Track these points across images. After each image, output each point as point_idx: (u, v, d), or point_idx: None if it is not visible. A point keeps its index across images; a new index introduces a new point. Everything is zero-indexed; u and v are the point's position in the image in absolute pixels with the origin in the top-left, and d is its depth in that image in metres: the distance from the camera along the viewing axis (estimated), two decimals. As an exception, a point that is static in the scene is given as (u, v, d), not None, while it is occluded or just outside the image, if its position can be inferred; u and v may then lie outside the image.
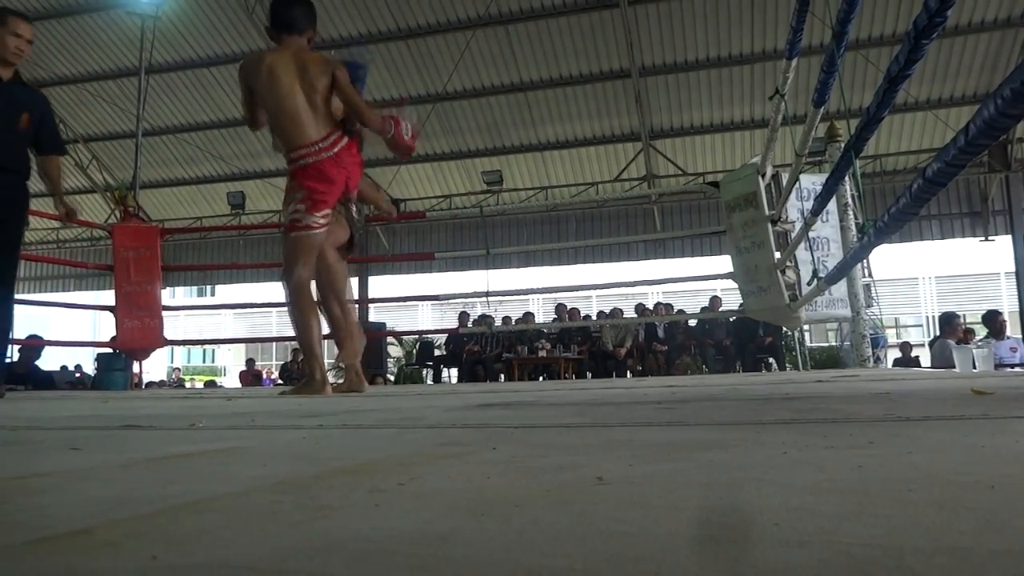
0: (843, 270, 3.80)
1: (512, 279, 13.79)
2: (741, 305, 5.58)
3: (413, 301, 19.89)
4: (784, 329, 8.83)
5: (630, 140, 13.36)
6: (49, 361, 11.41)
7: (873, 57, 10.53)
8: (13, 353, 9.35)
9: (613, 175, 13.80)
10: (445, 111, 13.11)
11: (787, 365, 9.42)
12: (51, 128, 3.86)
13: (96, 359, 7.87)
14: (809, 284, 4.32)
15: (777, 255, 4.98)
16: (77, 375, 11.35)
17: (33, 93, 3.79)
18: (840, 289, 5.83)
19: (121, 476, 0.77)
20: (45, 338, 8.06)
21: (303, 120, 3.06)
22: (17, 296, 4.07)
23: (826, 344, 12.70)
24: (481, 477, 0.70)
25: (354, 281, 15.63)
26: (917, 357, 11.09)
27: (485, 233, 13.53)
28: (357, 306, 3.79)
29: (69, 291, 17.75)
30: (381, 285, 15.89)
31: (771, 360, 9.48)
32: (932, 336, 8.70)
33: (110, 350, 6.49)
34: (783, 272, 4.93)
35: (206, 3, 11.81)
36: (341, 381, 3.42)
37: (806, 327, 10.38)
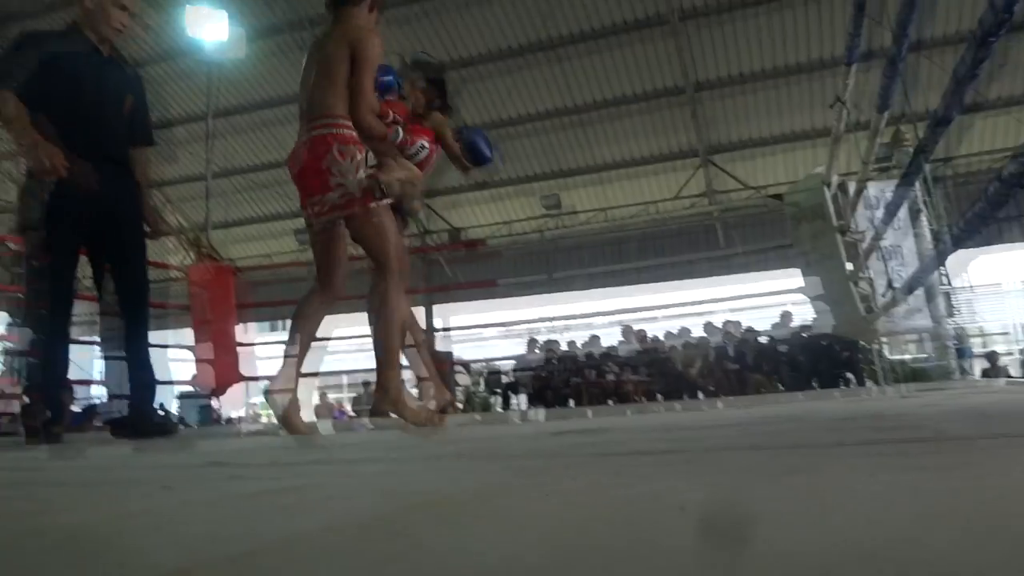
0: (919, 279, 3.67)
1: (576, 303, 13.72)
2: (814, 319, 5.43)
3: (478, 329, 19.99)
4: (861, 342, 8.54)
5: (688, 157, 13.23)
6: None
7: (937, 58, 10.21)
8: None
9: (673, 193, 13.67)
10: (500, 138, 13.23)
11: (866, 380, 9.09)
12: (145, 113, 3.22)
13: (178, 397, 8.15)
14: (884, 295, 4.18)
15: (849, 266, 4.83)
16: (161, 413, 11.75)
17: (131, 71, 3.19)
18: (919, 299, 5.62)
19: (212, 515, 0.79)
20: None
21: (304, 99, 2.70)
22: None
23: (907, 357, 12.21)
24: (563, 507, 0.70)
25: (420, 312, 15.85)
26: (1006, 367, 10.56)
27: (547, 258, 13.54)
28: (424, 336, 3.74)
29: (150, 331, 18.46)
30: (446, 314, 16.04)
31: (849, 376, 9.16)
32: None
33: (190, 388, 6.70)
34: (856, 284, 4.78)
35: (267, 47, 12.27)
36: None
37: (884, 339, 10.01)
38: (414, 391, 3.49)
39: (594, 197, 14.30)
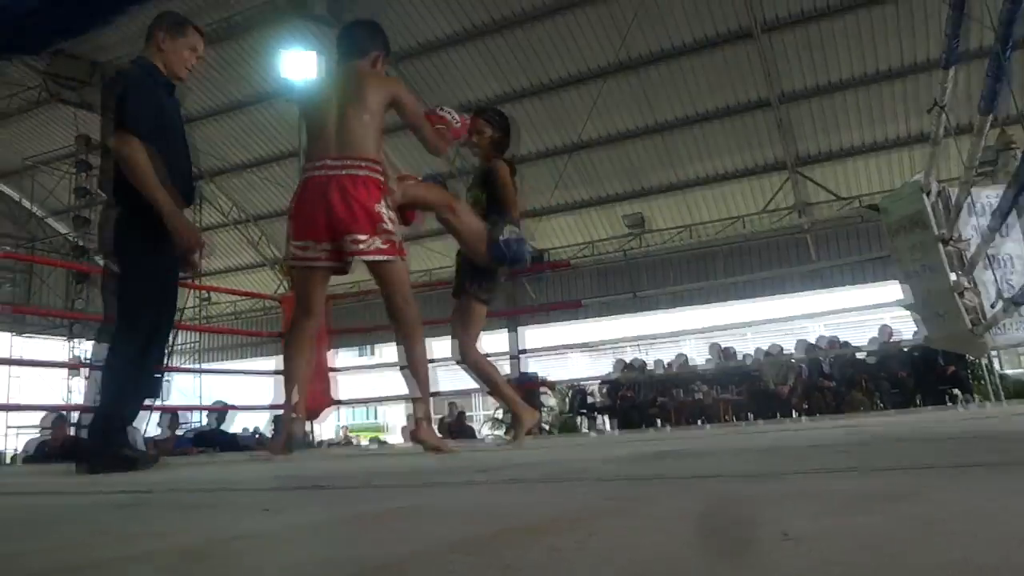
0: (1034, 289, 3.45)
1: (662, 322, 13.52)
2: (916, 334, 5.17)
3: (563, 350, 19.94)
4: (969, 356, 8.07)
5: (776, 170, 12.90)
6: (232, 424, 12.32)
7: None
8: (203, 418, 10.22)
9: (760, 207, 13.34)
10: (583, 159, 13.25)
11: (976, 397, 8.57)
12: None
13: (273, 421, 8.44)
14: (994, 306, 3.95)
15: (953, 277, 4.59)
16: (256, 436, 12.20)
17: None
18: (1032, 309, 5.26)
19: (316, 537, 0.81)
20: (228, 403, 8.76)
21: (327, 136, 2.71)
22: (203, 365, 3.56)
23: (1022, 370, 11.45)
24: (658, 533, 0.69)
25: (504, 333, 15.92)
26: None
27: (631, 277, 13.41)
28: (510, 358, 3.71)
29: (247, 358, 19.21)
30: (531, 335, 16.06)
31: (956, 392, 8.66)
32: None
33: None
34: (961, 295, 4.52)
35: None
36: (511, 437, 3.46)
37: (995, 353, 9.43)
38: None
39: (678, 214, 14.10)
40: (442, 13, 11.53)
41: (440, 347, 3.70)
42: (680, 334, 10.43)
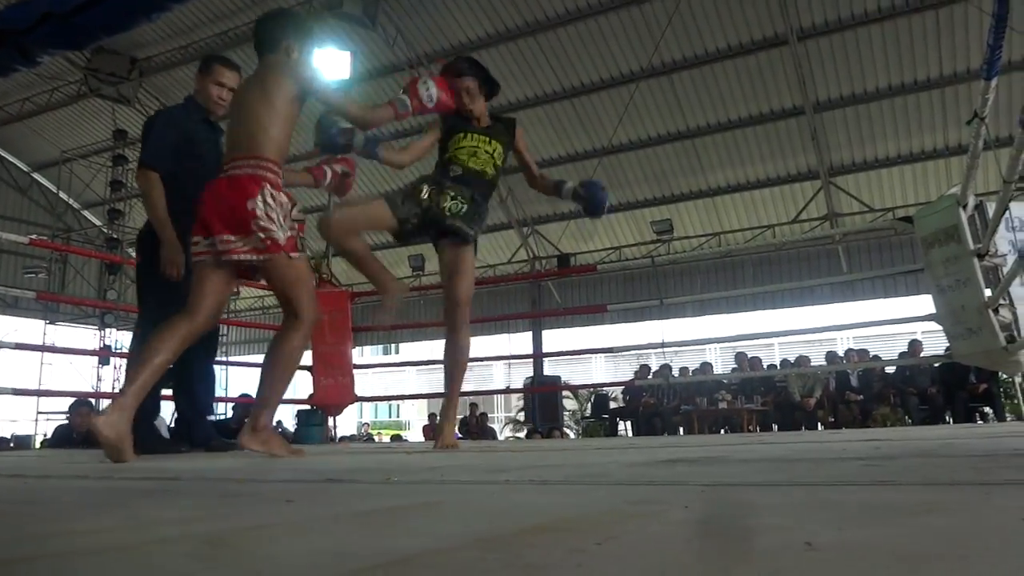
0: (1071, 307, 3.37)
1: (687, 329, 13.44)
2: (947, 349, 5.08)
3: (587, 354, 19.89)
4: (1001, 374, 7.92)
5: (808, 179, 12.77)
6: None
7: (1088, 68, 9.45)
8: (228, 411, 10.34)
9: (791, 216, 13.21)
10: (611, 164, 13.22)
11: (1007, 415, 8.41)
12: None
13: (296, 415, 8.53)
14: (1029, 324, 3.87)
15: (988, 292, 4.50)
16: (279, 430, 12.33)
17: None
18: (1069, 328, 5.15)
19: (335, 529, 0.82)
20: (253, 396, 8.85)
21: (231, 136, 2.72)
22: (230, 359, 4.05)
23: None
24: (680, 538, 0.69)
25: (528, 336, 15.93)
26: None
27: (657, 283, 13.34)
28: (531, 360, 3.68)
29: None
30: (554, 339, 16.05)
31: (987, 410, 8.50)
32: None
33: (308, 406, 7.00)
34: (996, 311, 4.44)
35: (377, 86, 12.75)
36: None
37: (1028, 372, 9.22)
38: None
39: (707, 222, 14.01)
40: (474, 15, 11.57)
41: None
42: (705, 342, 10.35)
